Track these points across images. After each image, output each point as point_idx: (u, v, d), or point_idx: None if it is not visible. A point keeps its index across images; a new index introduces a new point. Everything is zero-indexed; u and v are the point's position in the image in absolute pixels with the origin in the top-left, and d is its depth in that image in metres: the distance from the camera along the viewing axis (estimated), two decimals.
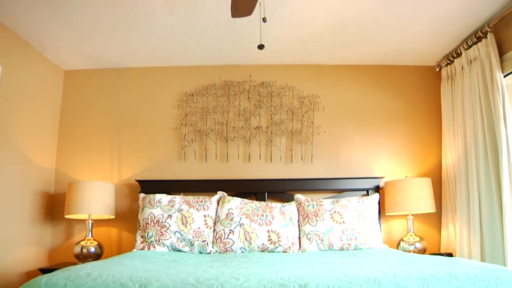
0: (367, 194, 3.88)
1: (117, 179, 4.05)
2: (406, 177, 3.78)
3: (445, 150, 3.89)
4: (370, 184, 3.92)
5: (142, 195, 3.61)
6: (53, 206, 3.99)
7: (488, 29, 3.27)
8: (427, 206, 3.57)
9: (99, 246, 3.60)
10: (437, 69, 4.13)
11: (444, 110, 3.94)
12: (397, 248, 3.62)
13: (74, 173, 4.06)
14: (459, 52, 3.69)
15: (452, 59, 3.83)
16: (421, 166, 4.08)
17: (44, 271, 3.28)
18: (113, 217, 3.82)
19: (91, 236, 3.63)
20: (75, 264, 3.45)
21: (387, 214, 3.80)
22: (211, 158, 4.06)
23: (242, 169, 4.04)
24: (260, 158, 4.05)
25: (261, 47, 2.64)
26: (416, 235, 3.62)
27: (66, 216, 3.65)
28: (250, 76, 4.18)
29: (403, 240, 3.61)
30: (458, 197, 3.59)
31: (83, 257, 3.51)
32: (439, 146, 4.07)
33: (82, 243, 3.55)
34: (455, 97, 3.76)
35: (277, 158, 4.05)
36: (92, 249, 3.54)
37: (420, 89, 4.23)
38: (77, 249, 3.53)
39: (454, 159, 3.74)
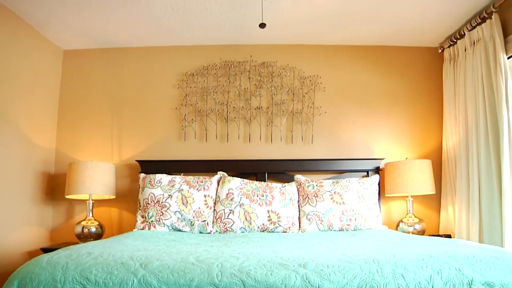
0: (367, 175, 3.89)
1: (117, 159, 4.05)
2: (406, 158, 3.78)
3: (446, 132, 3.87)
4: (370, 165, 3.92)
5: (142, 175, 3.61)
6: (54, 187, 4.00)
7: (493, 9, 3.22)
8: (427, 188, 3.57)
9: (100, 226, 3.62)
10: (440, 51, 4.09)
11: (445, 92, 3.92)
12: (396, 229, 3.64)
13: (74, 154, 4.06)
14: (463, 33, 3.65)
15: (455, 40, 3.79)
16: (422, 148, 4.07)
17: (46, 250, 3.30)
18: (114, 197, 3.83)
19: (92, 216, 3.65)
20: (76, 243, 3.47)
21: (386, 195, 3.81)
22: (211, 139, 4.05)
23: (243, 149, 4.04)
24: (260, 139, 4.04)
25: (262, 25, 2.61)
26: (415, 217, 3.63)
27: (66, 196, 3.66)
28: (251, 56, 4.15)
29: (402, 221, 3.63)
30: (458, 179, 3.59)
31: (84, 237, 3.53)
32: (440, 128, 4.06)
33: (83, 223, 3.57)
34: (457, 79, 3.73)
35: (277, 139, 4.04)
36: (93, 229, 3.56)
37: (422, 70, 4.19)
38: (78, 229, 3.55)
39: (454, 141, 3.73)
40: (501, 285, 1.73)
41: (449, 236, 3.64)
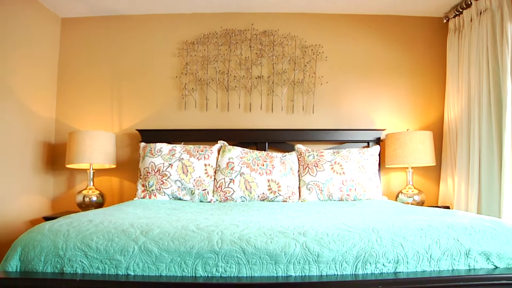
0: (368, 146, 3.89)
1: (118, 129, 4.04)
2: (407, 130, 3.77)
3: (448, 104, 3.85)
4: (371, 136, 3.92)
5: (142, 144, 3.61)
6: (55, 156, 4.00)
7: None
8: (427, 159, 3.57)
9: (101, 195, 3.64)
10: (445, 21, 4.02)
11: (449, 64, 3.87)
12: (396, 200, 3.66)
13: (74, 123, 4.04)
14: (469, 2, 3.57)
15: (461, 10, 3.71)
16: (423, 119, 4.05)
17: (48, 219, 3.33)
18: (114, 166, 3.84)
19: (93, 185, 3.66)
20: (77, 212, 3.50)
21: (387, 166, 3.81)
22: (212, 108, 4.03)
23: (243, 118, 4.02)
24: (261, 108, 4.02)
25: None
26: (415, 188, 3.65)
27: (67, 166, 3.66)
28: (252, 24, 4.08)
29: (401, 192, 3.64)
30: (459, 151, 3.59)
31: (85, 206, 3.55)
32: (442, 100, 4.03)
33: (84, 192, 3.59)
34: (461, 50, 3.68)
35: (278, 108, 4.02)
36: (94, 198, 3.58)
37: (426, 41, 4.13)
38: (79, 198, 3.57)
39: (456, 113, 3.71)
40: (497, 255, 1.76)
41: (447, 208, 3.67)
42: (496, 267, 1.75)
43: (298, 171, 3.48)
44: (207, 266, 1.66)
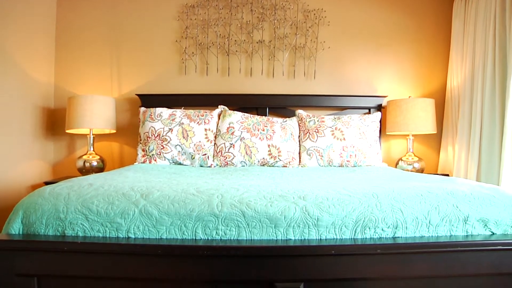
0: (369, 113, 3.87)
1: (117, 93, 4.00)
2: (409, 97, 3.74)
3: (451, 72, 3.80)
4: (373, 102, 3.89)
5: (142, 109, 3.59)
6: (54, 121, 3.97)
7: None
8: (428, 127, 3.56)
9: (101, 160, 3.65)
10: None
11: (454, 31, 3.78)
12: (396, 167, 3.67)
13: (74, 88, 4.00)
14: None
15: None
16: (425, 87, 4.02)
17: (49, 184, 3.32)
18: (114, 131, 3.83)
19: (93, 150, 3.66)
20: None
21: (387, 133, 3.80)
22: (212, 72, 3.99)
23: (244, 83, 3.99)
24: (262, 73, 3.98)
25: None
26: (415, 155, 3.65)
27: (67, 131, 3.66)
28: None
29: (402, 160, 3.65)
30: (460, 119, 3.57)
31: (86, 171, 3.56)
32: (445, 68, 3.98)
33: (84, 157, 3.59)
34: (468, 18, 3.59)
35: (279, 73, 3.98)
36: (94, 163, 3.58)
37: (431, 8, 4.04)
38: (80, 163, 3.57)
39: (459, 81, 3.67)
40: (495, 221, 1.77)
41: (447, 175, 3.68)
42: (493, 233, 1.77)
43: (299, 136, 3.47)
44: (207, 229, 1.67)
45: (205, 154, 3.29)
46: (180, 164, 3.33)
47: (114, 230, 1.69)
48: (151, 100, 3.85)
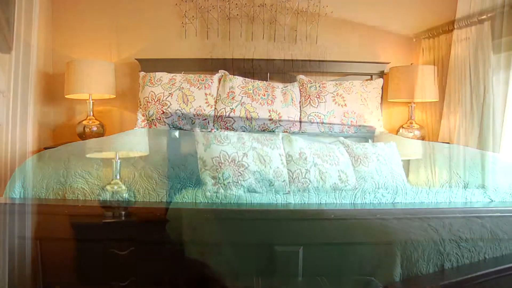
0: (371, 79, 3.82)
1: (116, 58, 3.94)
2: (411, 64, 3.69)
3: (455, 38, 3.72)
4: (375, 69, 3.84)
5: (142, 73, 3.56)
6: (53, 87, 3.90)
7: None
8: (431, 94, 3.53)
9: (101, 125, 3.63)
10: None
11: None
12: (396, 135, 3.66)
13: (72, 53, 3.92)
14: None
15: None
16: (428, 54, 3.95)
17: (49, 149, 3.33)
18: (114, 96, 3.79)
19: (93, 115, 3.63)
20: None
21: (389, 100, 3.77)
22: (213, 36, 3.92)
23: (245, 48, 3.92)
24: (263, 37, 3.91)
25: None
26: (416, 123, 3.63)
27: (66, 96, 3.63)
28: None
29: (403, 127, 3.64)
30: (463, 87, 3.52)
31: (86, 137, 3.54)
32: (449, 34, 3.90)
33: (84, 122, 3.58)
34: None
35: (281, 38, 3.91)
36: (94, 128, 3.57)
37: None
38: (80, 129, 3.56)
39: (464, 47, 3.60)
40: (494, 189, 1.78)
41: (447, 144, 3.67)
42: (492, 200, 1.77)
43: (300, 102, 3.45)
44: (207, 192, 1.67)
45: (205, 119, 3.28)
46: (180, 128, 3.32)
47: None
48: (150, 65, 3.79)
